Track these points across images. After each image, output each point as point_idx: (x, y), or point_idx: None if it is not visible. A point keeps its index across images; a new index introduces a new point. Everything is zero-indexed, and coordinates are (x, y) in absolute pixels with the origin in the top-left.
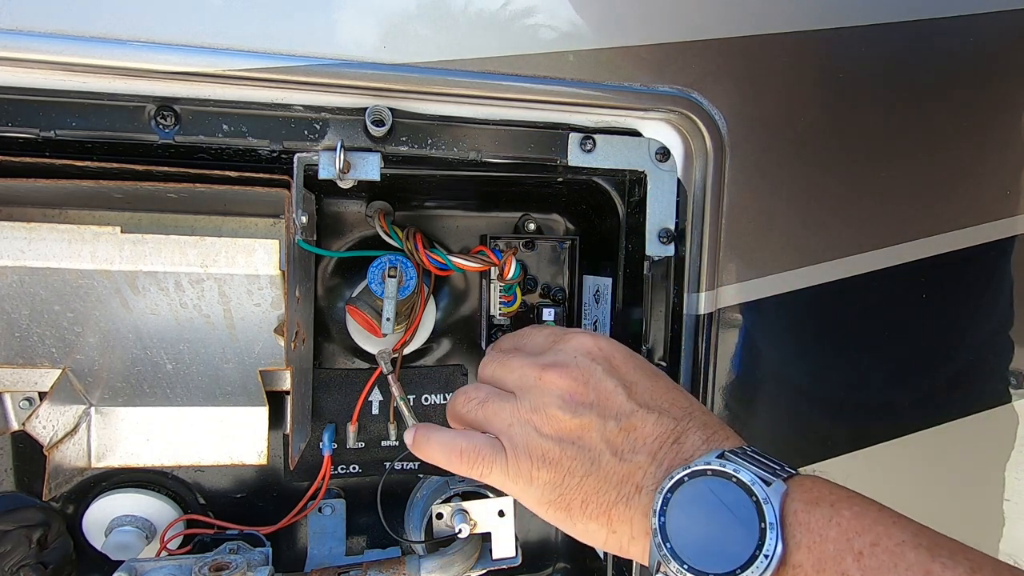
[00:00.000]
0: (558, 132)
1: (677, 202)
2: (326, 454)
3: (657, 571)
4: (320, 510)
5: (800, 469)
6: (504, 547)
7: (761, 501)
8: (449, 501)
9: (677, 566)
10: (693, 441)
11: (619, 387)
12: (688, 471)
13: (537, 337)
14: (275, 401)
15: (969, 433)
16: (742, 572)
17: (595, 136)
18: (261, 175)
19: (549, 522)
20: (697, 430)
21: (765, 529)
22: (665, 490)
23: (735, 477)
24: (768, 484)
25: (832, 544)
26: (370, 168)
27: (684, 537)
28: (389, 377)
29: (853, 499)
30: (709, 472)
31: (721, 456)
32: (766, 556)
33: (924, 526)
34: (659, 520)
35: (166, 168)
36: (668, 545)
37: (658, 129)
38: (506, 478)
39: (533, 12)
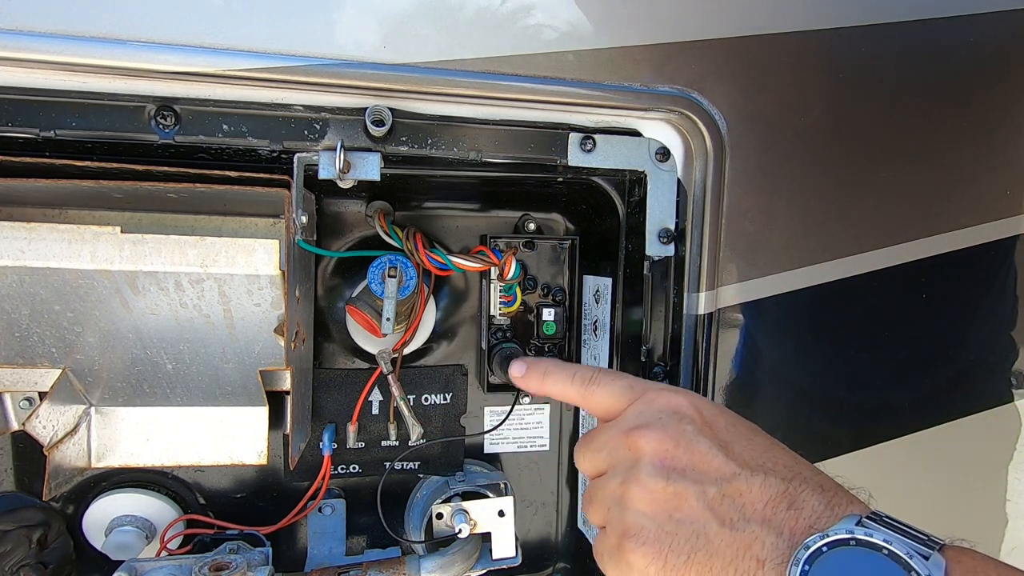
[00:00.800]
0: (558, 132)
1: (677, 202)
2: (326, 454)
3: None
4: (320, 510)
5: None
6: (504, 547)
7: None
8: (449, 501)
9: None
10: (812, 505)
11: (714, 447)
12: (826, 540)
13: (614, 389)
14: (275, 401)
15: (969, 433)
16: None
17: (595, 136)
18: (261, 175)
19: None
20: (812, 492)
21: None
22: (802, 562)
23: (887, 549)
24: (926, 558)
25: None
26: (370, 168)
27: None
28: (389, 377)
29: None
30: (853, 542)
31: (860, 523)
32: None
33: None
34: None
35: (166, 168)
36: None
37: (658, 129)
38: (614, 568)
39: (533, 12)
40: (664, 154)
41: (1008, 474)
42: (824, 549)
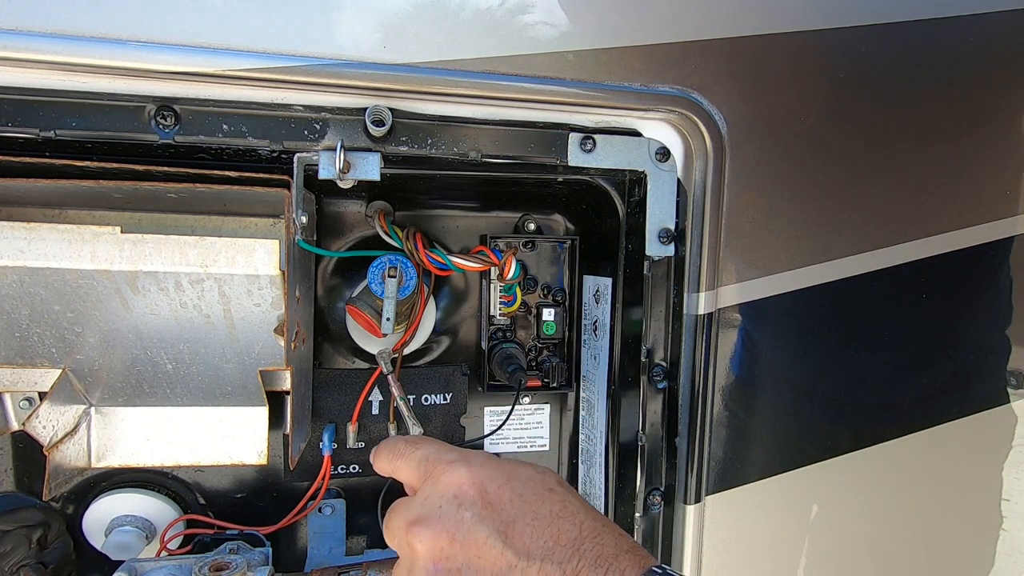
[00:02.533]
0: (558, 132)
1: (677, 202)
2: (326, 454)
3: None
4: (320, 510)
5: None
6: None
7: None
8: None
9: None
10: None
11: (492, 535)
12: None
13: (411, 462)
14: (275, 401)
15: (969, 433)
16: None
17: (595, 136)
18: (261, 175)
19: None
20: (590, 568)
21: None
22: None
23: None
24: None
25: None
26: (370, 168)
27: None
28: (389, 377)
29: None
30: None
31: None
32: None
33: None
34: None
35: (166, 168)
36: None
37: (658, 129)
38: None
39: (533, 12)
40: (664, 154)
41: (1006, 474)
42: None
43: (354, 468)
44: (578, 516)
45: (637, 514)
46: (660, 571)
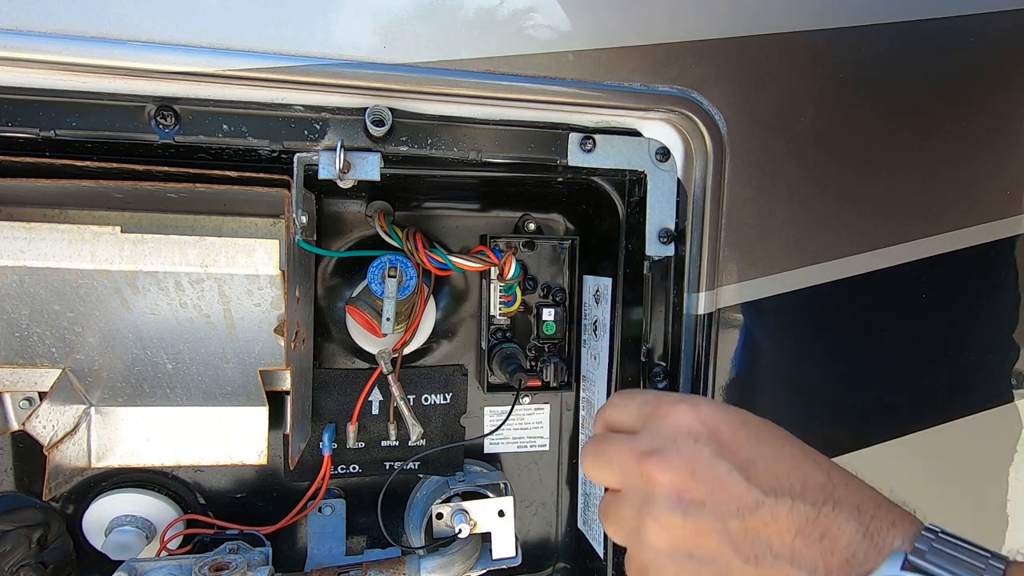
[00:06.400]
0: (558, 132)
1: (677, 202)
2: (326, 454)
3: None
4: (320, 510)
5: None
6: (504, 547)
7: None
8: (449, 501)
9: None
10: (848, 534)
11: (735, 471)
12: None
13: (629, 408)
14: (275, 401)
15: (970, 433)
16: None
17: (595, 136)
18: (261, 175)
19: None
20: (848, 518)
21: None
22: None
23: None
24: None
25: None
26: (370, 168)
27: None
28: (389, 377)
29: None
30: None
31: (905, 565)
32: None
33: None
34: None
35: (166, 168)
36: None
37: (658, 129)
38: None
39: (533, 12)
40: (664, 154)
41: (1009, 474)
42: None
43: (354, 468)
44: (823, 464)
45: None
46: (936, 531)
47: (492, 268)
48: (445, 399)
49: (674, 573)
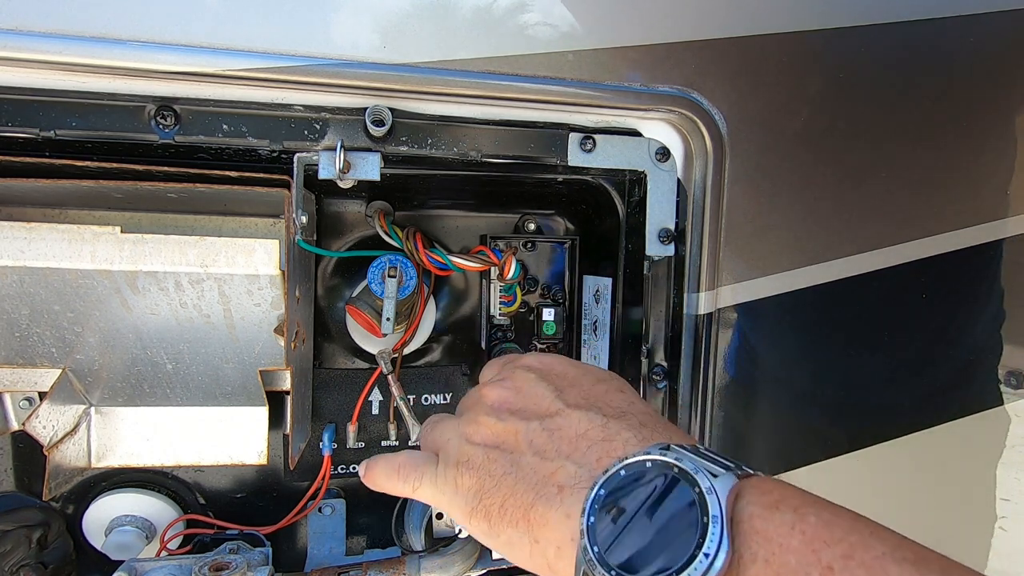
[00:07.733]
0: (558, 132)
1: (677, 202)
2: (326, 454)
3: None
4: (320, 510)
5: (782, 474)
6: None
7: (704, 492)
8: None
9: (604, 572)
10: (626, 438)
11: (549, 390)
12: (624, 464)
13: (495, 366)
14: (275, 401)
15: (968, 433)
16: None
17: (595, 136)
18: (261, 175)
19: (476, 538)
20: (631, 428)
21: (707, 524)
22: (598, 486)
23: (676, 466)
24: (715, 476)
25: (795, 556)
26: (370, 168)
27: (614, 539)
28: (389, 377)
29: (821, 505)
30: (648, 463)
31: (666, 448)
32: (707, 555)
33: (906, 538)
34: (587, 521)
35: (166, 168)
36: (595, 549)
37: (658, 129)
38: (435, 489)
39: (533, 12)
40: (664, 154)
41: (1004, 474)
42: (622, 472)
43: (354, 468)
44: (636, 404)
45: None
46: (711, 450)
47: (492, 268)
48: (445, 399)
49: (481, 460)
